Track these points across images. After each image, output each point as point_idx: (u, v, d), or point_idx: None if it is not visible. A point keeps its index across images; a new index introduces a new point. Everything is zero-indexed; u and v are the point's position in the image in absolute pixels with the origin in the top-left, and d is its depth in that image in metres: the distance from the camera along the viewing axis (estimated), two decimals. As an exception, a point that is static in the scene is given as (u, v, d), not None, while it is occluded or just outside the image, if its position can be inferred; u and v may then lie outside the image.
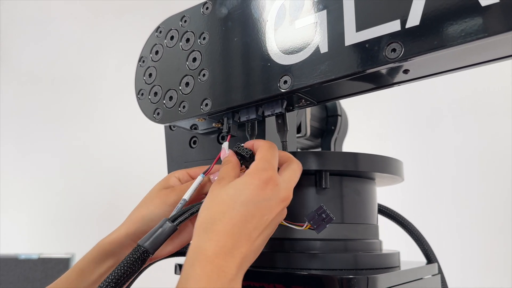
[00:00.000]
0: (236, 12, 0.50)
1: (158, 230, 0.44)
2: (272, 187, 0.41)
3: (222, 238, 0.38)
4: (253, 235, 0.39)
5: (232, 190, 0.40)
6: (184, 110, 0.53)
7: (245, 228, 0.39)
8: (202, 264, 0.36)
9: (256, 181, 0.40)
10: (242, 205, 0.39)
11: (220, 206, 0.40)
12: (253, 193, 0.40)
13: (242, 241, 0.38)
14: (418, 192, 1.39)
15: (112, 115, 1.80)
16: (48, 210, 1.76)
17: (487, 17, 0.34)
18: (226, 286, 0.36)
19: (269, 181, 0.41)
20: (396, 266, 0.57)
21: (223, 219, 0.39)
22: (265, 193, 0.40)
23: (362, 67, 0.40)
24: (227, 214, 0.39)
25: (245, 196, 0.40)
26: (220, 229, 0.38)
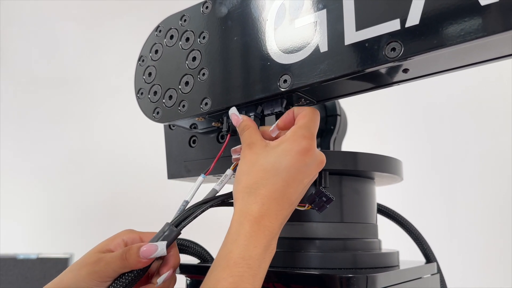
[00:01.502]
0: (236, 11, 0.50)
1: (161, 236, 0.44)
2: (311, 154, 0.43)
3: (267, 202, 0.41)
4: (293, 197, 0.43)
5: (273, 157, 0.43)
6: (184, 109, 0.53)
7: (287, 192, 0.42)
8: (250, 224, 0.41)
9: (297, 147, 0.42)
10: (284, 171, 0.42)
11: (262, 172, 0.42)
12: (294, 159, 0.42)
13: (285, 204, 0.42)
14: (418, 191, 1.39)
15: (112, 115, 1.80)
16: (47, 210, 1.76)
17: (487, 16, 0.34)
18: (269, 243, 0.41)
19: (309, 149, 0.42)
20: (395, 265, 0.57)
21: (267, 185, 0.42)
22: (305, 159, 0.42)
23: (362, 66, 0.40)
24: (270, 180, 0.42)
25: (287, 163, 0.42)
26: (264, 194, 0.42)
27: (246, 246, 0.40)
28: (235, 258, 0.39)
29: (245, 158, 0.44)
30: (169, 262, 0.45)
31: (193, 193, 0.48)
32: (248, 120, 0.47)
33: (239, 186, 0.43)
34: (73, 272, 0.44)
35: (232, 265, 0.39)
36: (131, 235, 0.48)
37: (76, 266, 0.45)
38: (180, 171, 0.63)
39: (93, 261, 0.44)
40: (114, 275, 0.43)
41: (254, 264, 0.39)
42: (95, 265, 0.43)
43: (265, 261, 0.41)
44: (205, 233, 1.14)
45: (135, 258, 0.42)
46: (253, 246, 0.40)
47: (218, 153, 0.52)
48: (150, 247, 0.43)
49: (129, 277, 0.43)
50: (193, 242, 0.60)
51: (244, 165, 0.44)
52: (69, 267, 0.46)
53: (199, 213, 0.45)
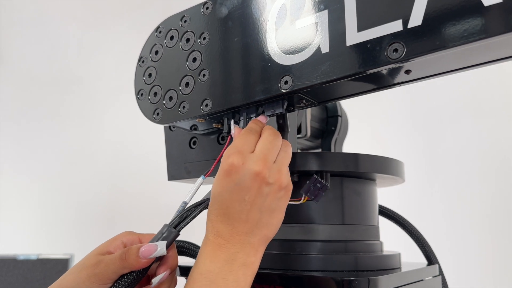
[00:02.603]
0: (236, 12, 0.50)
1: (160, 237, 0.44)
2: (236, 171, 0.43)
3: (216, 225, 0.43)
4: (242, 216, 0.43)
5: (213, 184, 0.44)
6: (184, 111, 0.53)
7: (230, 213, 0.43)
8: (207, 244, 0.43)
9: (221, 171, 0.43)
10: (219, 197, 0.43)
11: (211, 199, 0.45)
12: (221, 184, 0.43)
13: (235, 223, 0.43)
14: (419, 193, 1.38)
15: (112, 116, 1.80)
16: (47, 211, 1.76)
17: (490, 17, 0.33)
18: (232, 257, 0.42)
19: (230, 168, 0.43)
20: (397, 268, 0.57)
21: (213, 210, 0.44)
22: (232, 179, 0.43)
23: (364, 68, 0.39)
24: (212, 208, 0.44)
25: (217, 189, 0.44)
26: (213, 219, 0.44)
27: (202, 263, 0.42)
28: (195, 275, 0.41)
29: None
30: (167, 263, 0.45)
31: (192, 194, 0.47)
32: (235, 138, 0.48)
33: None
34: (73, 274, 0.44)
35: (192, 282, 0.41)
36: (130, 237, 0.48)
37: (76, 269, 0.45)
38: (180, 172, 0.63)
39: (92, 264, 0.44)
40: (114, 276, 0.43)
41: (215, 278, 0.40)
42: (94, 268, 0.43)
43: (233, 274, 0.41)
44: (205, 234, 1.13)
45: (135, 258, 0.42)
46: (209, 261, 0.41)
47: (219, 154, 0.51)
48: (150, 247, 0.43)
49: (129, 279, 0.43)
50: (193, 244, 0.59)
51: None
52: (69, 270, 0.45)
53: (197, 213, 0.45)
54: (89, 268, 0.44)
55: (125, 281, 0.43)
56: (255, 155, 0.43)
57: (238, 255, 0.42)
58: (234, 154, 0.43)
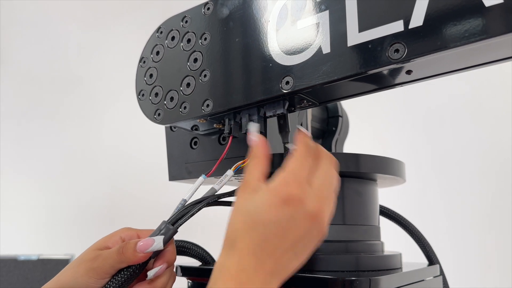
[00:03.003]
0: (237, 12, 0.50)
1: (157, 234, 0.44)
2: (294, 204, 0.38)
3: (244, 257, 0.37)
4: (277, 253, 0.38)
5: (253, 207, 0.38)
6: (185, 111, 0.53)
7: (267, 247, 0.38)
8: (225, 280, 0.37)
9: (276, 199, 0.38)
10: (262, 226, 0.38)
11: (241, 224, 0.38)
12: (272, 213, 0.37)
13: (265, 259, 0.37)
14: (420, 193, 1.39)
15: (112, 116, 1.80)
16: (48, 211, 1.76)
17: (491, 17, 0.33)
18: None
19: (289, 199, 0.38)
20: (398, 268, 0.57)
21: (244, 239, 0.38)
22: (284, 212, 0.37)
23: (365, 68, 0.39)
24: (248, 234, 0.38)
25: (264, 217, 0.38)
26: (241, 248, 0.38)
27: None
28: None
29: (236, 200, 0.40)
30: (163, 257, 0.45)
31: (192, 192, 0.48)
32: (258, 148, 0.43)
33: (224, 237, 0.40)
34: (71, 269, 0.45)
35: None
36: (128, 232, 0.48)
37: (74, 264, 0.45)
38: (181, 172, 0.63)
39: (90, 258, 0.44)
40: (111, 271, 0.43)
41: None
42: (92, 262, 0.44)
43: None
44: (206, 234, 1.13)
45: (132, 252, 0.42)
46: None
47: (220, 155, 0.51)
48: (147, 241, 0.43)
49: (126, 274, 0.43)
50: (194, 244, 0.60)
51: (233, 209, 0.40)
52: (67, 265, 0.46)
53: (196, 211, 0.45)
54: (87, 262, 0.44)
55: (122, 276, 0.43)
56: (314, 192, 0.39)
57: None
58: (294, 183, 0.38)
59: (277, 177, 0.39)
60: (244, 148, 0.53)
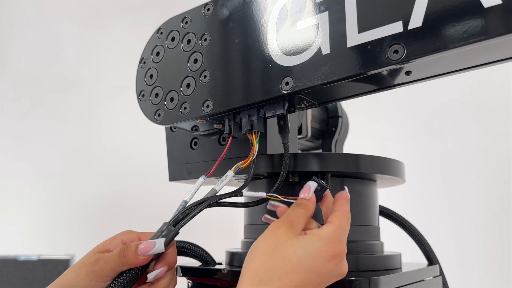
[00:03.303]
0: (237, 13, 0.50)
1: (159, 236, 0.44)
2: (338, 262, 0.40)
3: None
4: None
5: (302, 250, 0.38)
6: (185, 112, 0.53)
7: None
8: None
9: (330, 252, 0.39)
10: (306, 271, 0.38)
11: (283, 262, 0.38)
12: (321, 262, 0.39)
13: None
14: (419, 193, 1.39)
15: (113, 116, 1.80)
16: (48, 211, 1.76)
17: (490, 18, 0.33)
18: None
19: (338, 256, 0.40)
20: (398, 268, 0.57)
21: (283, 279, 0.37)
22: (331, 266, 0.39)
23: (364, 69, 0.40)
24: (289, 276, 0.37)
25: (312, 263, 0.38)
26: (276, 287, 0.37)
27: None
28: None
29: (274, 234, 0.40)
30: (164, 260, 0.45)
31: (192, 193, 0.48)
32: (310, 203, 0.44)
33: (252, 264, 0.39)
34: (72, 272, 0.45)
35: None
36: (130, 235, 0.48)
37: (75, 267, 0.45)
38: (182, 173, 0.63)
39: (91, 261, 0.44)
40: (112, 274, 0.43)
41: None
42: (93, 265, 0.44)
43: None
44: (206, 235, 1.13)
45: (133, 255, 0.42)
46: None
47: (220, 155, 0.51)
48: (148, 244, 0.43)
49: (127, 276, 0.43)
50: (195, 245, 0.60)
51: (269, 240, 0.40)
52: (69, 268, 0.46)
53: (197, 212, 0.45)
54: (88, 265, 0.44)
55: (123, 279, 0.43)
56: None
57: None
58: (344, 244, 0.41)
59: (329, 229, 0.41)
60: (243, 149, 0.53)
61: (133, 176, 1.73)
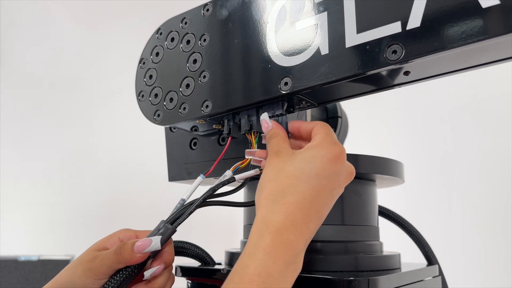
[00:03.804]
0: (236, 14, 0.50)
1: (156, 233, 0.44)
2: (342, 161, 0.40)
3: (293, 211, 0.38)
4: (321, 210, 0.39)
5: (302, 163, 0.39)
6: (185, 112, 0.53)
7: (315, 203, 0.39)
8: (272, 236, 0.37)
9: (328, 154, 0.39)
10: (314, 179, 0.39)
11: (289, 179, 0.39)
12: (325, 166, 0.39)
13: (312, 216, 0.39)
14: (419, 193, 1.39)
15: (112, 117, 1.80)
16: (48, 212, 1.76)
17: (488, 18, 0.34)
18: (292, 260, 0.37)
19: (340, 155, 0.40)
20: (397, 268, 0.57)
21: (294, 193, 0.38)
22: (336, 167, 0.40)
23: (363, 69, 0.40)
24: (299, 188, 0.38)
25: (317, 169, 0.39)
26: (291, 202, 0.38)
27: (264, 262, 0.36)
28: (251, 274, 0.36)
29: (272, 165, 0.41)
30: (161, 257, 0.45)
31: (190, 192, 0.48)
32: (278, 128, 0.45)
33: (263, 193, 0.40)
34: (69, 270, 0.45)
35: (247, 282, 0.35)
36: (127, 233, 0.48)
37: (72, 265, 0.45)
38: (181, 173, 0.63)
39: (88, 259, 0.44)
40: (109, 271, 0.43)
41: (272, 283, 0.35)
42: (90, 263, 0.44)
43: (286, 280, 0.37)
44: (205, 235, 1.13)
45: (129, 253, 0.42)
46: (272, 261, 0.36)
47: (219, 155, 0.52)
48: (145, 241, 0.43)
49: (124, 274, 0.43)
50: (194, 245, 0.60)
51: (270, 171, 0.41)
52: (66, 266, 0.46)
53: (194, 209, 0.45)
54: (85, 263, 0.44)
55: (120, 276, 0.43)
56: None
57: (296, 259, 0.38)
58: (340, 144, 0.41)
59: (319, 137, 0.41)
60: (243, 149, 0.53)
61: (133, 177, 1.73)
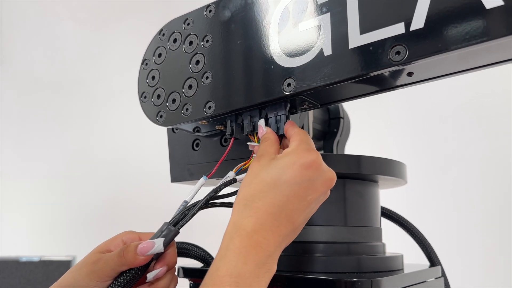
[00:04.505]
0: (239, 14, 0.50)
1: (159, 235, 0.44)
2: (315, 168, 0.41)
3: (262, 216, 0.39)
4: (294, 215, 0.40)
5: (274, 170, 0.40)
6: (187, 113, 0.53)
7: (286, 208, 0.39)
8: (241, 238, 0.38)
9: (300, 162, 0.40)
10: (284, 185, 0.40)
11: (261, 185, 0.40)
12: (297, 173, 0.40)
13: (283, 220, 0.39)
14: (421, 194, 1.38)
15: (114, 117, 1.80)
16: (49, 213, 1.76)
17: (492, 20, 0.33)
18: (264, 261, 0.38)
19: (311, 164, 0.40)
20: (400, 269, 0.57)
21: (264, 198, 0.39)
22: (308, 174, 0.40)
23: (366, 70, 0.40)
24: (268, 193, 0.40)
25: (288, 176, 0.40)
26: (260, 207, 0.39)
27: (234, 263, 0.37)
28: (222, 275, 0.36)
29: (251, 169, 0.43)
30: (164, 260, 0.45)
31: (193, 194, 0.48)
32: (270, 133, 0.47)
33: (237, 198, 0.42)
34: (73, 272, 0.45)
35: (218, 283, 0.36)
36: (130, 235, 0.48)
37: (76, 267, 0.45)
38: (183, 174, 0.63)
39: (92, 261, 0.44)
40: (113, 274, 0.43)
41: (244, 283, 0.36)
42: (94, 265, 0.44)
43: (259, 280, 0.37)
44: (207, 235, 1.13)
45: (132, 255, 0.42)
46: (242, 262, 0.37)
47: (221, 156, 0.52)
48: (148, 243, 0.43)
49: (127, 276, 0.43)
50: (196, 246, 0.60)
51: (248, 176, 0.43)
52: (70, 268, 0.46)
53: (196, 210, 0.45)
54: (89, 265, 0.44)
55: (123, 278, 0.43)
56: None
57: (269, 260, 0.38)
58: (314, 151, 0.42)
59: (293, 144, 0.43)
60: (245, 150, 0.53)
61: (135, 177, 1.73)
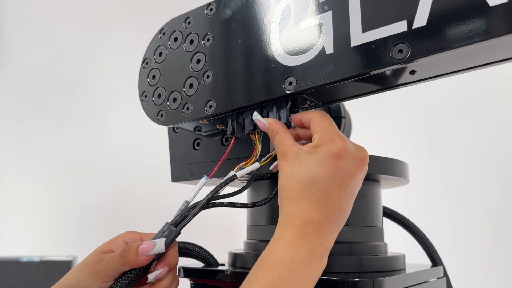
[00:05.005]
0: (240, 13, 0.50)
1: (160, 236, 0.44)
2: (344, 155, 0.41)
3: (308, 211, 0.40)
4: (337, 203, 0.41)
5: (307, 168, 0.41)
6: (188, 112, 0.53)
7: (328, 200, 0.41)
8: (292, 230, 0.40)
9: (329, 154, 0.41)
10: (321, 181, 0.41)
11: (299, 185, 0.41)
12: (329, 168, 0.41)
13: (329, 210, 0.41)
14: (423, 194, 1.38)
15: (115, 117, 1.80)
16: (50, 212, 1.76)
17: (495, 17, 0.33)
18: (316, 249, 0.40)
19: (340, 152, 0.41)
20: (402, 269, 0.57)
21: (306, 197, 0.41)
22: (339, 163, 0.41)
23: (368, 68, 0.39)
24: (308, 191, 0.41)
25: (322, 173, 0.41)
26: (304, 204, 0.41)
27: (287, 249, 0.39)
28: (275, 259, 0.39)
29: (282, 171, 0.43)
30: (165, 260, 0.45)
31: (194, 193, 0.47)
32: (275, 123, 0.46)
33: (281, 199, 0.43)
34: (75, 273, 0.45)
35: (272, 265, 0.39)
36: (132, 236, 0.48)
37: (78, 267, 0.45)
38: (184, 174, 0.63)
39: (94, 262, 0.44)
40: (114, 274, 0.43)
41: (297, 268, 0.39)
42: (95, 266, 0.44)
43: (311, 267, 0.40)
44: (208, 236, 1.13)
45: (134, 256, 0.42)
46: (294, 250, 0.39)
47: (222, 155, 0.51)
48: (149, 244, 0.43)
49: (129, 277, 0.43)
50: (197, 246, 0.59)
51: (282, 178, 0.43)
52: (72, 269, 0.46)
53: (198, 211, 0.45)
54: (91, 266, 0.44)
55: (125, 279, 0.43)
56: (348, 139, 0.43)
57: (320, 248, 0.40)
58: (338, 137, 0.42)
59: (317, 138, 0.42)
60: (246, 149, 0.53)
61: (136, 177, 1.73)
